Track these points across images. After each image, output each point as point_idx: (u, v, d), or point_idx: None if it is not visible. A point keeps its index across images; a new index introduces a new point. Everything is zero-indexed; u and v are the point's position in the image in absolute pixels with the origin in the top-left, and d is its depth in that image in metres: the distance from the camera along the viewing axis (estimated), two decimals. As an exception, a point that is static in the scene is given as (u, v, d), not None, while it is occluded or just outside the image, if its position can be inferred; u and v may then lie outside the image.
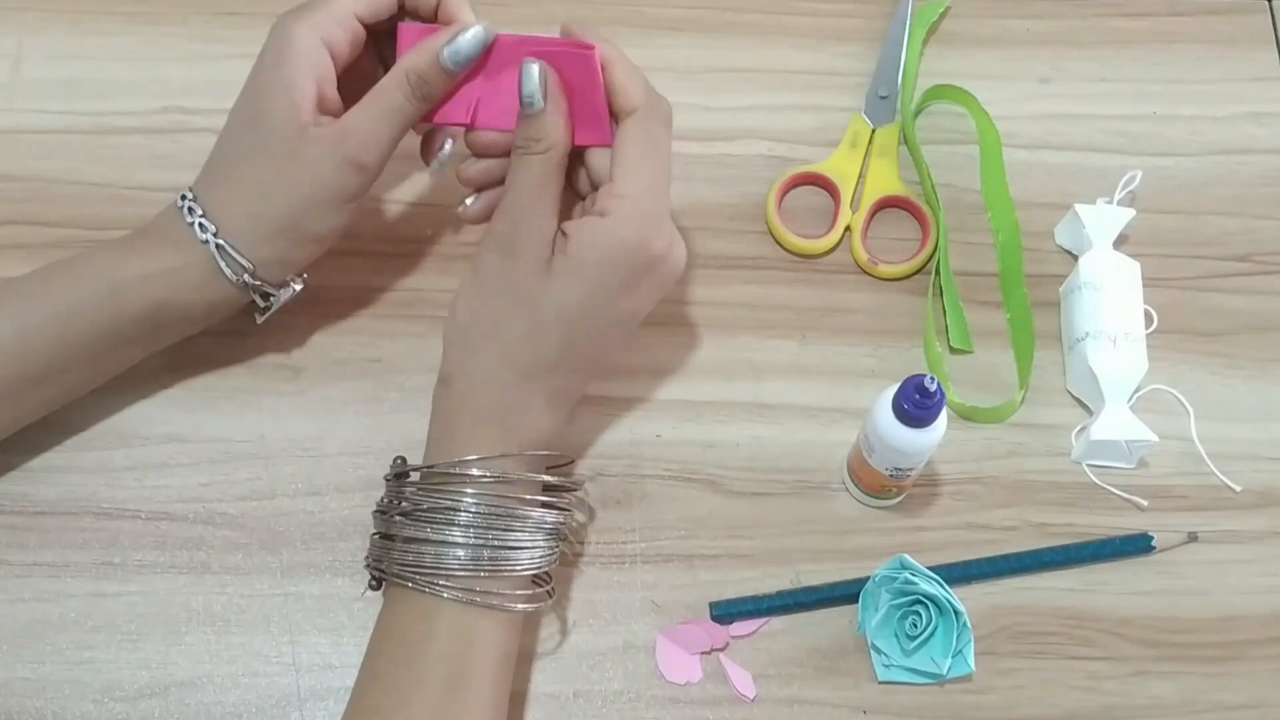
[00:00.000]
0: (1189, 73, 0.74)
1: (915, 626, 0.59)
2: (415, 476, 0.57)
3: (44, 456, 0.62)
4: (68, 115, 0.70)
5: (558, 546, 0.57)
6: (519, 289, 0.55)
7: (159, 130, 0.69)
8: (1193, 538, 0.63)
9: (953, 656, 0.58)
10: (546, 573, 0.56)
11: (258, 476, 0.62)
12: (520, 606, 0.55)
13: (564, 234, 0.55)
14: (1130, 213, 0.68)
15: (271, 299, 0.60)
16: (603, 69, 0.56)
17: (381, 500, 0.58)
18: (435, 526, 0.54)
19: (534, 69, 0.55)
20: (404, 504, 0.56)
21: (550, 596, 0.57)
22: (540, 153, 0.55)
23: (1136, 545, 0.62)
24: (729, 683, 0.59)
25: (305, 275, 0.61)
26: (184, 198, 0.58)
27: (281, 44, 0.57)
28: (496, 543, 0.54)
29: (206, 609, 0.60)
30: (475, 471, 0.55)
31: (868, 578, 0.60)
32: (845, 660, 0.60)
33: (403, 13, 0.60)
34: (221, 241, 0.57)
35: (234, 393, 0.64)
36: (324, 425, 0.64)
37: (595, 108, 0.57)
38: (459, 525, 0.54)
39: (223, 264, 0.57)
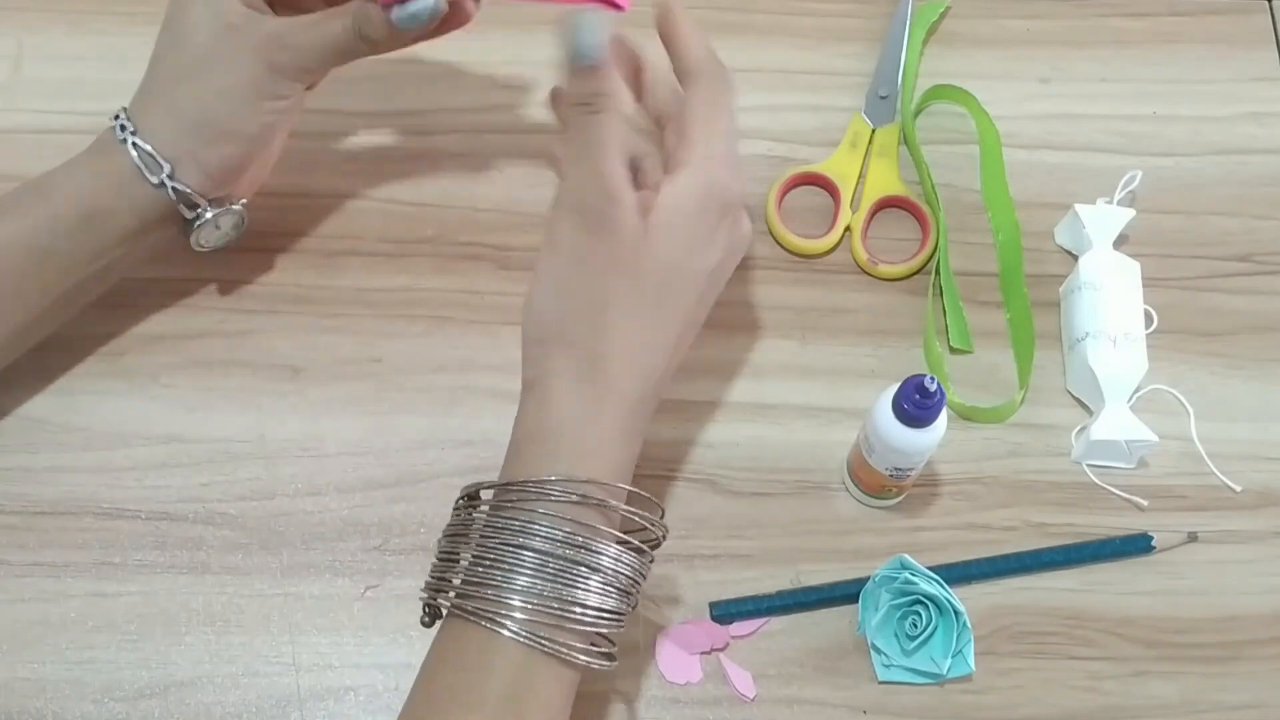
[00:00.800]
0: (1189, 73, 0.74)
1: (915, 626, 0.59)
2: (488, 495, 0.53)
3: (44, 456, 0.62)
4: (68, 115, 0.70)
5: (628, 607, 0.51)
6: (616, 262, 0.52)
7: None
8: (1193, 538, 0.63)
9: (953, 656, 0.59)
10: (610, 637, 0.52)
11: (258, 476, 0.62)
12: (582, 659, 0.50)
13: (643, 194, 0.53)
14: (1130, 213, 0.68)
15: (200, 211, 0.59)
16: (662, 27, 0.56)
17: (448, 527, 0.54)
18: (502, 552, 0.50)
19: (592, 21, 0.52)
20: (472, 528, 0.52)
21: (612, 661, 0.51)
22: (606, 109, 0.52)
23: (1136, 545, 0.62)
24: (729, 683, 0.59)
25: (245, 202, 0.61)
26: (116, 116, 0.59)
27: None
28: (565, 581, 0.49)
29: (206, 609, 0.60)
30: (554, 492, 0.50)
31: (868, 578, 0.60)
32: (845, 660, 0.60)
33: None
34: (138, 141, 0.57)
35: (234, 393, 0.64)
36: (324, 425, 0.64)
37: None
38: (529, 551, 0.49)
39: (139, 162, 0.57)
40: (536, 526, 0.50)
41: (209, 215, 0.60)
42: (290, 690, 0.59)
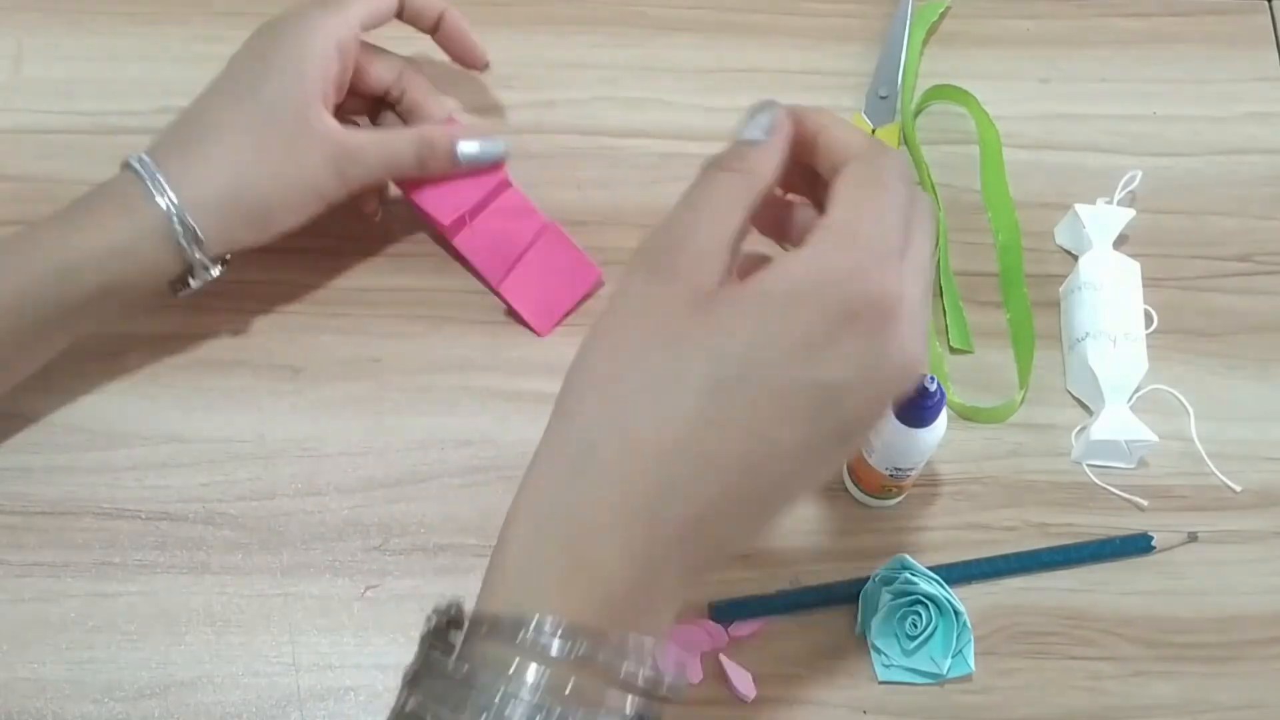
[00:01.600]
0: (1189, 73, 0.74)
1: (915, 626, 0.59)
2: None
3: (44, 456, 0.62)
4: (68, 115, 0.70)
5: None
6: (662, 323, 0.40)
7: (159, 130, 0.69)
8: (1192, 538, 0.63)
9: (953, 656, 0.59)
10: None
11: (258, 476, 0.62)
12: None
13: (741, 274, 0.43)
14: (1130, 213, 0.68)
15: (197, 278, 0.59)
16: (817, 135, 0.45)
17: (409, 667, 0.42)
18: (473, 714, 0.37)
19: (768, 111, 0.45)
20: (436, 674, 0.40)
21: None
22: (744, 173, 0.43)
23: (1136, 545, 0.62)
24: (729, 683, 0.59)
25: (229, 258, 0.60)
26: (140, 162, 0.57)
27: (307, 32, 0.59)
28: None
29: (206, 609, 0.60)
30: (552, 643, 0.38)
31: (868, 578, 0.60)
32: (845, 660, 0.60)
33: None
34: (187, 219, 0.56)
35: (234, 393, 0.64)
36: (324, 425, 0.63)
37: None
38: None
39: (180, 236, 0.56)
40: (519, 691, 0.37)
41: (212, 275, 0.60)
42: (290, 690, 0.59)
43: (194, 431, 0.63)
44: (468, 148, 0.63)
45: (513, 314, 0.66)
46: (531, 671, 0.38)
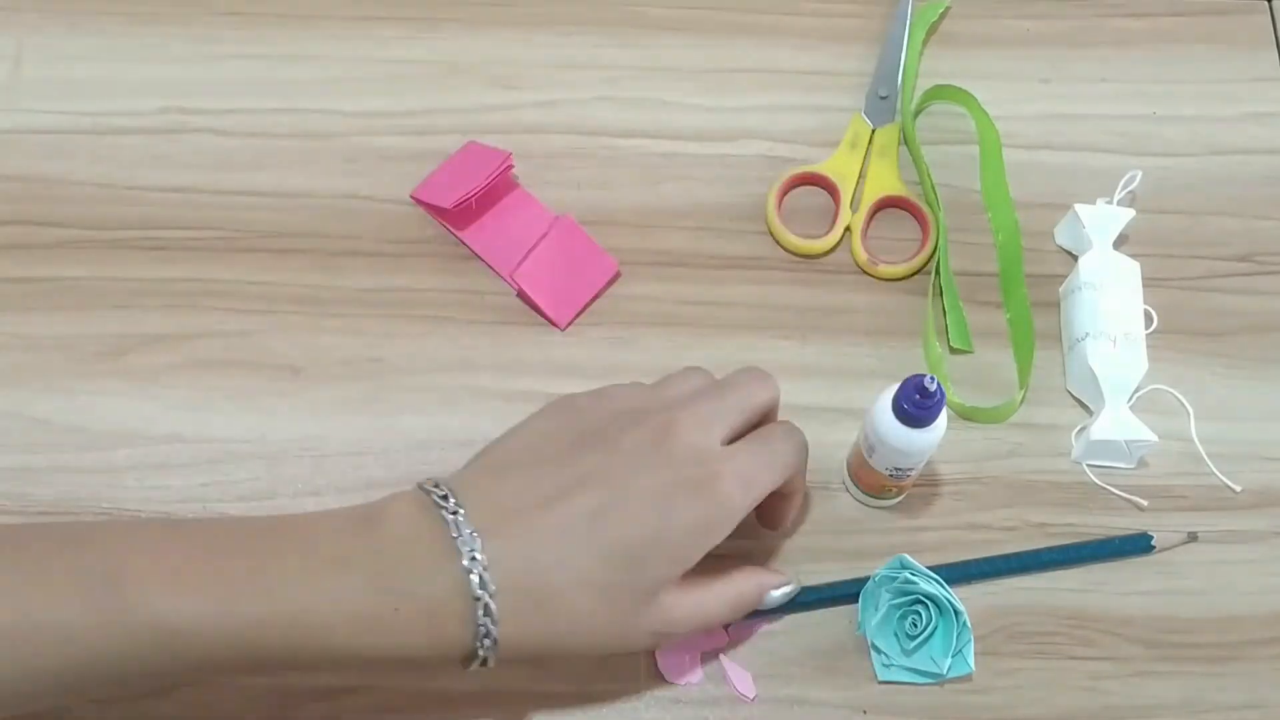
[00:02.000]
0: (1189, 73, 0.74)
1: (915, 626, 0.59)
2: None
3: (44, 456, 0.62)
4: (68, 115, 0.70)
5: None
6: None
7: (159, 130, 0.69)
8: (1193, 538, 0.63)
9: (953, 656, 0.58)
10: None
11: (258, 476, 0.62)
12: None
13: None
14: (1130, 213, 0.68)
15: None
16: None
17: None
18: None
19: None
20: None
21: None
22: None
23: (1136, 545, 0.62)
24: (729, 683, 0.59)
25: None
26: (480, 579, 0.48)
27: (725, 518, 0.52)
28: None
29: (206, 609, 0.60)
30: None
31: (868, 578, 0.60)
32: (845, 660, 0.60)
33: None
34: (493, 645, 0.49)
35: (234, 393, 0.64)
36: (324, 425, 0.63)
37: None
38: None
39: (475, 663, 0.50)
40: None
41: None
42: (292, 690, 0.58)
43: (194, 431, 0.63)
44: (777, 596, 0.58)
45: (530, 305, 0.66)
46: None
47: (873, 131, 0.71)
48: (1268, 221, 0.71)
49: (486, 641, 0.48)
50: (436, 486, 0.50)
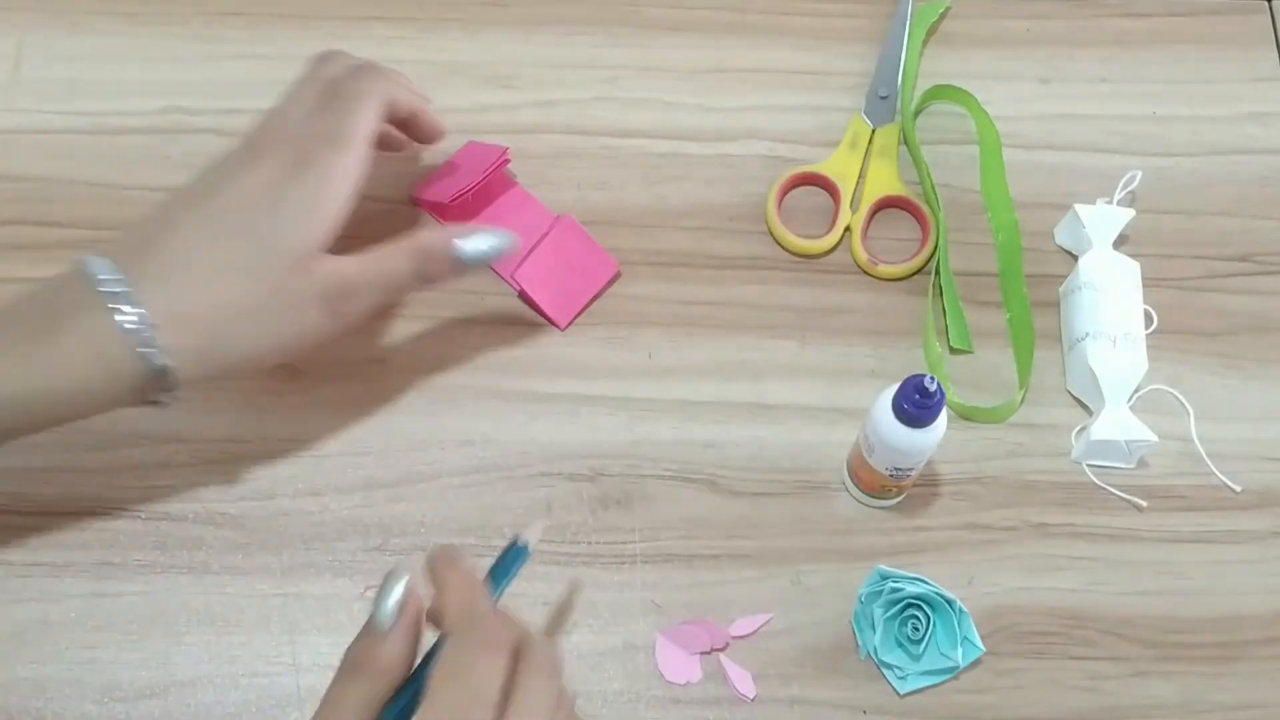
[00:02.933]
0: (1189, 73, 0.74)
1: (916, 630, 0.59)
2: None
3: (44, 456, 0.62)
4: (68, 115, 0.70)
5: None
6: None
7: (159, 130, 0.69)
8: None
9: (961, 645, 0.58)
10: None
11: (258, 476, 0.62)
12: None
13: None
14: (1130, 213, 0.68)
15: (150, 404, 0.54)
16: (431, 574, 0.50)
17: None
18: None
19: (400, 586, 0.48)
20: None
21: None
22: (371, 678, 0.47)
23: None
24: (729, 683, 0.59)
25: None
26: (108, 289, 0.51)
27: (331, 180, 0.55)
28: None
29: (206, 609, 0.60)
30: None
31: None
32: (845, 660, 0.60)
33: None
34: (166, 374, 0.52)
35: (234, 393, 0.64)
36: (324, 425, 0.64)
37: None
38: None
39: (149, 391, 0.53)
40: None
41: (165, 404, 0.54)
42: (290, 690, 0.59)
43: (194, 431, 0.63)
44: (470, 245, 0.57)
45: (530, 305, 0.66)
46: None
47: (873, 131, 0.71)
48: (1267, 221, 0.71)
49: (151, 351, 0.51)
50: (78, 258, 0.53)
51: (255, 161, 0.55)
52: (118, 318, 0.51)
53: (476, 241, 0.57)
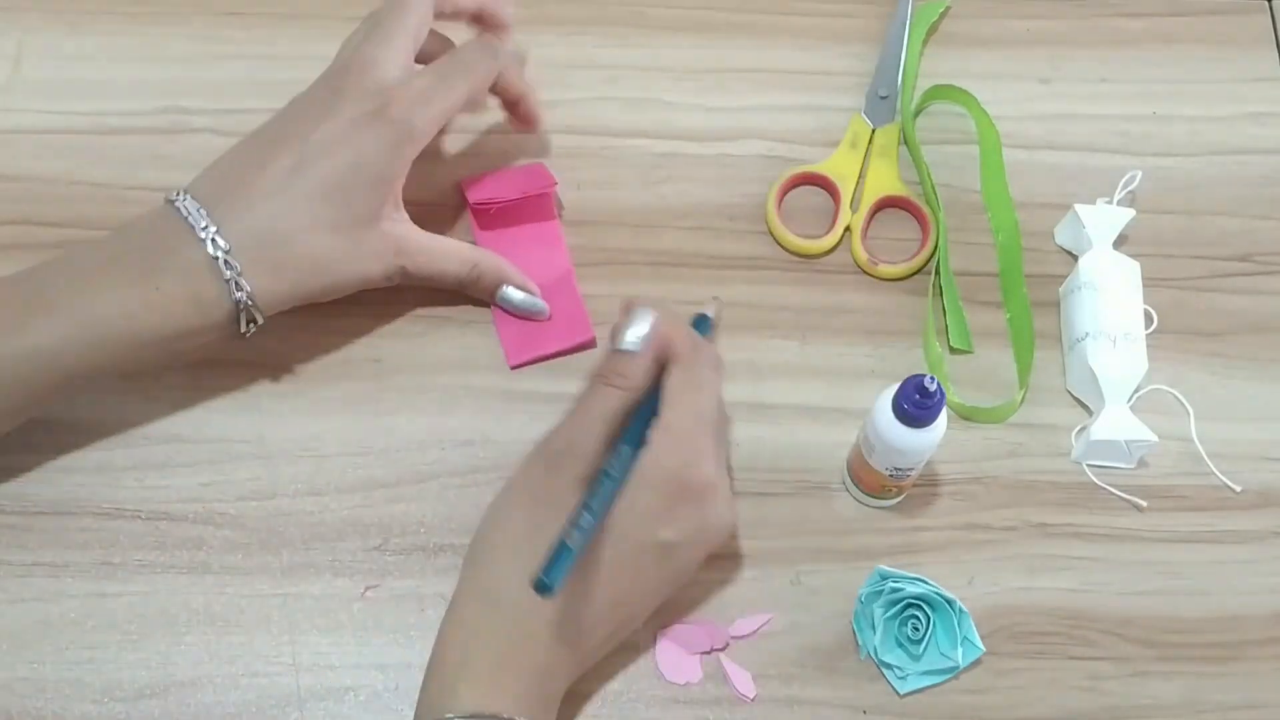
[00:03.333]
0: (1189, 73, 0.74)
1: (916, 630, 0.59)
2: None
3: (44, 456, 0.62)
4: (68, 115, 0.70)
5: None
6: (553, 498, 0.54)
7: (159, 130, 0.69)
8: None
9: (961, 645, 0.58)
10: None
11: (258, 476, 0.62)
12: None
13: None
14: (1130, 213, 0.68)
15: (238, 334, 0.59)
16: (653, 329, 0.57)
17: None
18: None
19: (649, 319, 0.56)
20: None
21: None
22: (622, 389, 0.56)
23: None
24: (729, 683, 0.59)
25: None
26: (213, 243, 0.56)
27: (407, 137, 0.59)
28: None
29: (206, 609, 0.60)
30: None
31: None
32: (845, 660, 0.60)
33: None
34: (254, 310, 0.58)
35: (234, 393, 0.64)
36: (324, 425, 0.64)
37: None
38: None
39: (241, 323, 0.58)
40: None
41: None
42: (290, 690, 0.59)
43: (194, 431, 0.63)
44: (511, 295, 0.64)
45: (496, 332, 0.66)
46: None
47: (873, 131, 0.71)
48: (1267, 221, 0.71)
49: (240, 295, 0.57)
50: (172, 192, 0.58)
51: (338, 105, 0.59)
52: (210, 252, 0.56)
53: (518, 295, 0.64)
